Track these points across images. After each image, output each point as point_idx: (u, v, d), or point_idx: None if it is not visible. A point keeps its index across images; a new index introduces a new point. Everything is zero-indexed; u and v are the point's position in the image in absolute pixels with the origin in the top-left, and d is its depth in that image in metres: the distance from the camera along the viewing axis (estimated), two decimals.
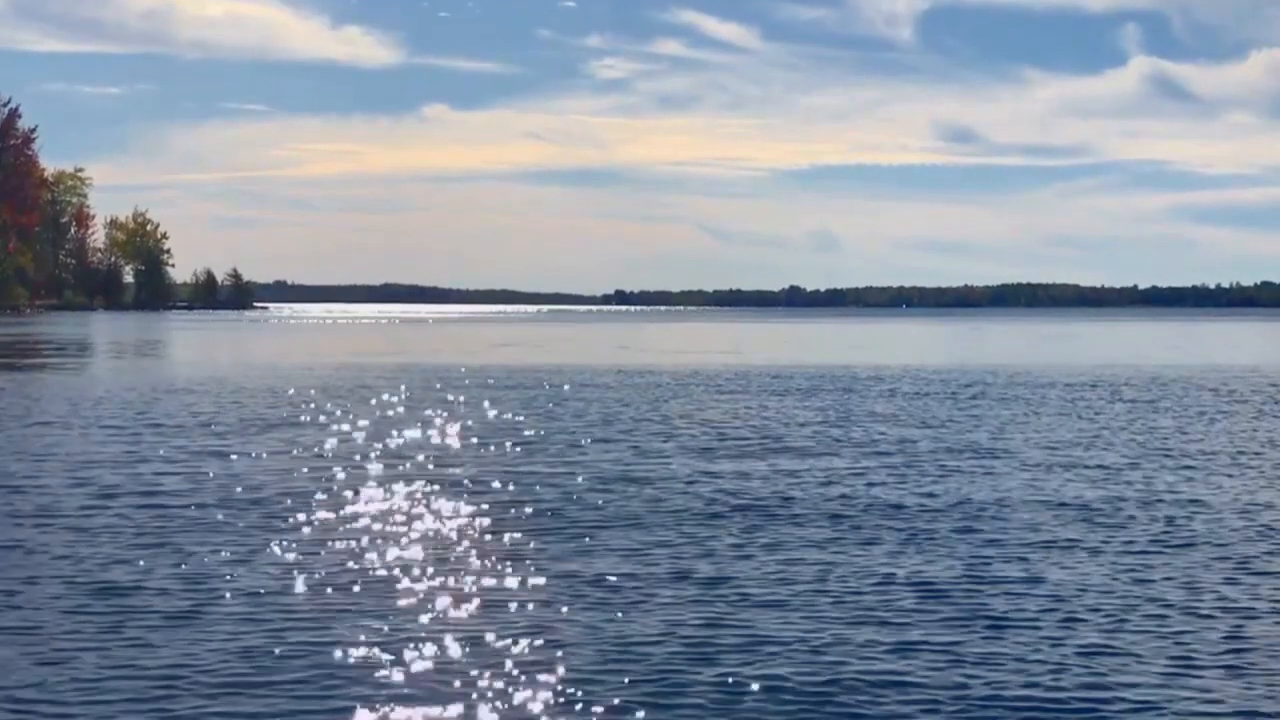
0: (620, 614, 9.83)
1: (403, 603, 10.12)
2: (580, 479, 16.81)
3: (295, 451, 19.63)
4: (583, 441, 21.21)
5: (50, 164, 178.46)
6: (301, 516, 13.82)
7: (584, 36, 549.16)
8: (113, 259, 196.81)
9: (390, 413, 26.30)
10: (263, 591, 10.44)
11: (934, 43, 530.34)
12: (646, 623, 9.59)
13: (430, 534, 13.04)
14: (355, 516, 13.98)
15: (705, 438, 21.88)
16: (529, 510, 14.41)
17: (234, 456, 18.94)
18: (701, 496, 15.46)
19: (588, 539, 12.81)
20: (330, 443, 20.86)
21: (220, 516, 13.89)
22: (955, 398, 31.16)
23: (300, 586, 10.60)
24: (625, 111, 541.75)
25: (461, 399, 29.14)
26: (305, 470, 17.50)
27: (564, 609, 9.95)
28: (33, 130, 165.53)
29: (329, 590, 10.54)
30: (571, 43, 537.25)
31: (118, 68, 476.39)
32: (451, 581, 10.84)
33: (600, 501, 15.07)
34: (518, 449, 20.21)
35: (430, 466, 17.86)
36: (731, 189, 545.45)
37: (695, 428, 23.52)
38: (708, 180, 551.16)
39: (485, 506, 14.53)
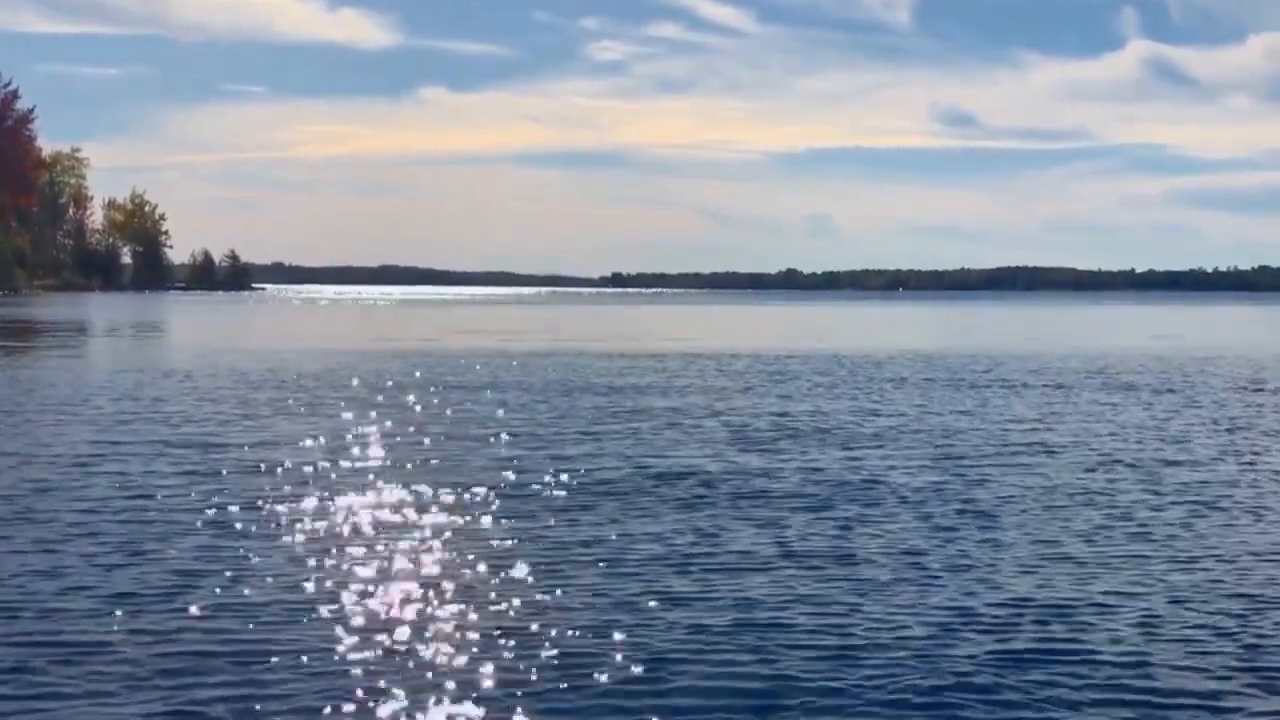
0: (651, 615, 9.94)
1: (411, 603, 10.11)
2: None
3: (306, 445, 19.56)
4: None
5: (48, 145, 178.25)
6: (299, 515, 13.42)
7: (580, 18, 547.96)
8: (111, 240, 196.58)
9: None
10: (253, 591, 10.28)
11: (931, 26, 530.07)
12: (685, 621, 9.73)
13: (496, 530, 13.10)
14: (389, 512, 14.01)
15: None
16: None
17: (237, 448, 18.76)
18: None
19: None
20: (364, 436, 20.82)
21: (218, 511, 13.56)
22: (993, 386, 31.27)
23: (292, 588, 10.39)
24: (622, 94, 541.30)
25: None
26: (313, 466, 17.46)
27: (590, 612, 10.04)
28: (31, 111, 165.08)
29: (326, 590, 10.48)
30: (568, 25, 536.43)
31: (116, 49, 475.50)
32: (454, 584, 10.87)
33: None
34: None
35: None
36: (728, 172, 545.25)
37: None
38: (704, 163, 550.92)
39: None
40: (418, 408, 23.96)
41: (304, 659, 8.37)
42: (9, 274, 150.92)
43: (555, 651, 8.55)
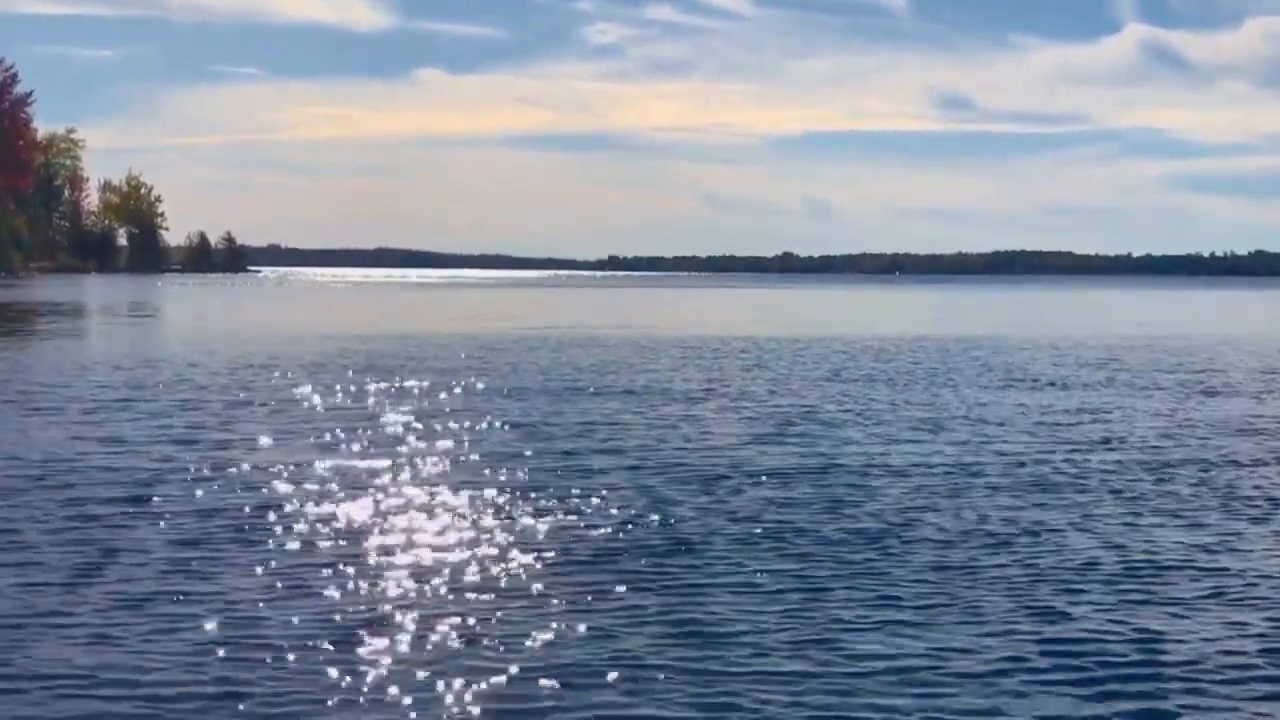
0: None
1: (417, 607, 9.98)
2: None
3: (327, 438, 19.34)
4: None
5: (44, 126, 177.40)
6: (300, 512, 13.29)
7: (576, 1, 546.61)
8: (106, 222, 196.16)
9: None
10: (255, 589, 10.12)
11: (929, 9, 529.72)
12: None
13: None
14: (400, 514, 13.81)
15: None
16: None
17: (241, 442, 18.57)
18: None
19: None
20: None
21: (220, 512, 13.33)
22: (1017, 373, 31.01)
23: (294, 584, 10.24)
24: (618, 77, 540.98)
25: None
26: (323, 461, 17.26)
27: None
28: (29, 95, 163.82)
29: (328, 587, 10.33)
30: (564, 7, 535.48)
31: (112, 30, 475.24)
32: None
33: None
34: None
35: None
36: (725, 155, 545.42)
37: None
38: (701, 146, 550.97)
39: None
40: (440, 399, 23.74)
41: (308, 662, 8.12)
42: (5, 256, 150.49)
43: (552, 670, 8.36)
